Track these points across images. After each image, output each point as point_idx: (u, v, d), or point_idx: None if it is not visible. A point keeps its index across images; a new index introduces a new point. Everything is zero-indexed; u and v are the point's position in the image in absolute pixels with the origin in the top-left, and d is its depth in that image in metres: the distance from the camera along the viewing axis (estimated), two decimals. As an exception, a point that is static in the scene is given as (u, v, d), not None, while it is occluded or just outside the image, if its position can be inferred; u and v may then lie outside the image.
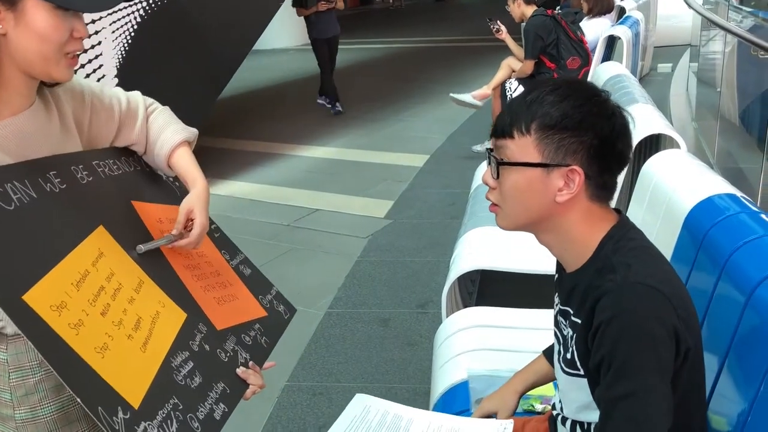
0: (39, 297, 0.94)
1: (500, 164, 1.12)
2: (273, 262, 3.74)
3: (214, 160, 5.70)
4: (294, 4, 6.94)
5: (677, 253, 1.54)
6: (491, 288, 3.10)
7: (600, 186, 1.11)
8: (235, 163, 5.71)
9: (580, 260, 1.14)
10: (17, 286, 0.93)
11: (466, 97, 5.39)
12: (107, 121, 1.32)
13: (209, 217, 1.39)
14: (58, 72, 1.11)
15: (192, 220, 1.30)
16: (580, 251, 1.13)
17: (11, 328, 1.13)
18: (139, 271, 1.17)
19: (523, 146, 1.09)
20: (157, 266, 1.23)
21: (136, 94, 1.40)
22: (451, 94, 5.50)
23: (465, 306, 2.68)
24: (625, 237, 1.11)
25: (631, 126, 1.12)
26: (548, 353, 1.47)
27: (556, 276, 1.29)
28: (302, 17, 6.98)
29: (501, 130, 1.12)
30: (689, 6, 4.79)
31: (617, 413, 1.02)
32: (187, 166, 1.37)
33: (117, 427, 0.93)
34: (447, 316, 2.21)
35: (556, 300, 1.27)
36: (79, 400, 0.91)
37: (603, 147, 1.08)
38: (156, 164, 1.42)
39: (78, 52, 1.13)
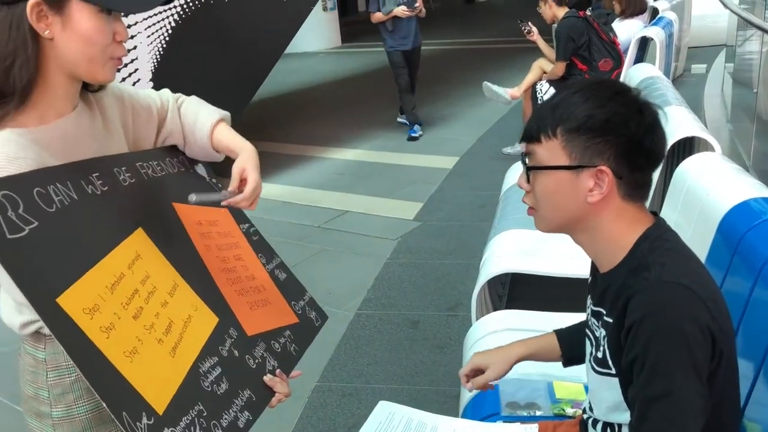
0: (73, 300, 0.95)
1: (529, 169, 1.14)
2: (303, 264, 3.77)
3: (246, 162, 5.74)
4: (368, 8, 6.12)
5: (711, 257, 1.53)
6: (521, 291, 3.09)
7: (632, 185, 1.10)
8: (266, 165, 5.69)
9: (614, 260, 1.13)
10: (52, 289, 0.94)
11: (500, 89, 5.34)
12: (147, 120, 1.35)
13: (248, 219, 1.41)
14: (102, 73, 1.14)
15: (245, 179, 1.31)
16: (615, 251, 1.13)
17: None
18: (174, 274, 1.18)
19: (551, 150, 1.10)
20: (193, 269, 1.24)
21: (165, 91, 1.43)
22: (486, 82, 5.45)
23: (495, 309, 2.67)
24: (660, 237, 1.10)
25: (663, 122, 1.11)
26: (560, 333, 1.46)
27: (590, 278, 1.28)
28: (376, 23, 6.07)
29: (529, 135, 1.14)
30: (725, 6, 4.71)
31: (652, 413, 1.01)
32: (230, 138, 1.39)
33: None
34: (477, 319, 2.20)
35: (589, 302, 1.27)
36: (104, 404, 0.92)
37: (631, 145, 1.07)
38: (199, 151, 1.43)
39: (122, 56, 1.15)
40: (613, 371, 1.13)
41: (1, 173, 0.99)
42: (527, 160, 1.15)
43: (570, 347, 1.44)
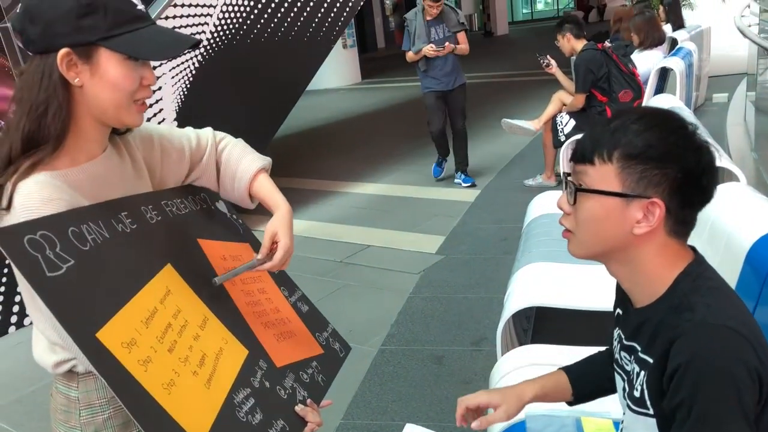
0: (111, 334, 0.97)
1: (579, 190, 1.10)
2: (326, 299, 3.77)
3: (268, 198, 5.80)
4: (401, 46, 5.77)
5: (740, 288, 1.50)
6: (547, 325, 3.05)
7: (680, 221, 1.07)
8: (288, 201, 5.79)
9: (652, 295, 1.11)
10: (92, 324, 0.96)
11: (522, 122, 5.37)
12: (178, 161, 1.38)
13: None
14: (129, 118, 1.18)
15: (276, 242, 1.33)
16: (653, 286, 1.10)
17: (82, 366, 1.17)
18: (203, 308, 1.20)
19: (604, 174, 1.07)
20: (220, 302, 1.26)
21: (206, 130, 1.46)
22: (504, 119, 5.49)
23: (520, 343, 2.65)
24: (702, 276, 1.08)
25: (718, 162, 1.09)
26: (568, 370, 1.43)
27: (618, 311, 1.26)
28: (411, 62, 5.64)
29: (581, 155, 1.10)
30: (744, 35, 4.71)
31: None
32: (268, 191, 1.42)
33: None
34: (502, 354, 2.18)
35: (617, 334, 1.24)
36: None
37: (687, 181, 1.03)
38: (234, 196, 1.45)
39: (147, 99, 1.19)
40: (651, 411, 1.10)
41: (37, 214, 1.02)
42: (575, 180, 1.11)
43: (580, 385, 1.41)
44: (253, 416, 1.14)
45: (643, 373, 1.11)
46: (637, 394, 1.12)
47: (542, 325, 3.06)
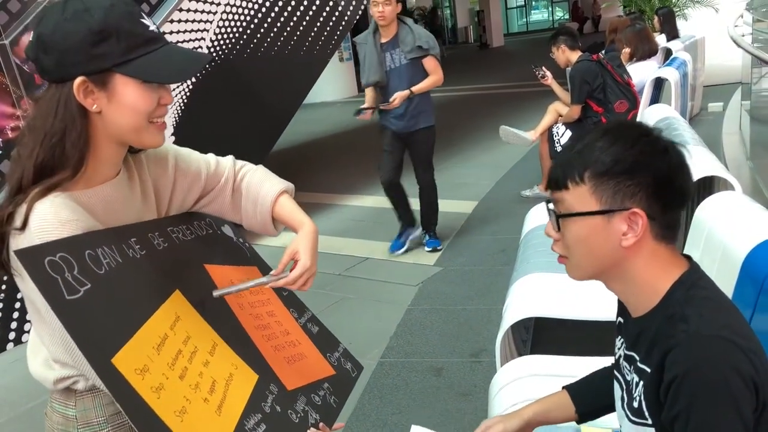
0: (125, 360, 0.97)
1: (559, 217, 1.12)
2: (325, 312, 3.77)
3: (266, 211, 5.80)
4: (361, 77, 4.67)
5: (737, 297, 1.51)
6: (546, 335, 3.05)
7: (664, 225, 1.09)
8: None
9: (647, 305, 1.11)
10: (108, 350, 0.96)
11: (520, 132, 5.38)
12: (192, 183, 1.36)
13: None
14: (149, 139, 1.18)
15: (296, 261, 1.31)
16: (648, 296, 1.11)
17: (83, 383, 1.17)
18: (212, 334, 1.19)
19: (580, 196, 1.09)
20: (229, 327, 1.25)
21: (228, 158, 1.45)
22: (503, 126, 5.49)
23: (519, 354, 2.64)
24: (696, 285, 1.08)
25: (687, 159, 1.10)
26: (571, 389, 1.43)
27: (619, 320, 1.27)
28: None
29: (555, 183, 1.12)
30: (738, 45, 4.74)
31: None
32: (291, 212, 1.41)
33: None
34: (501, 365, 2.18)
35: (619, 344, 1.25)
36: None
37: (661, 185, 1.06)
38: (258, 221, 1.43)
39: (163, 118, 1.19)
40: (650, 422, 1.10)
41: (54, 235, 1.02)
42: (556, 208, 1.14)
43: (584, 403, 1.41)
44: None
45: (641, 383, 1.11)
46: (635, 404, 1.13)
47: (541, 335, 3.06)
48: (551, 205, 1.15)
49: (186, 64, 1.17)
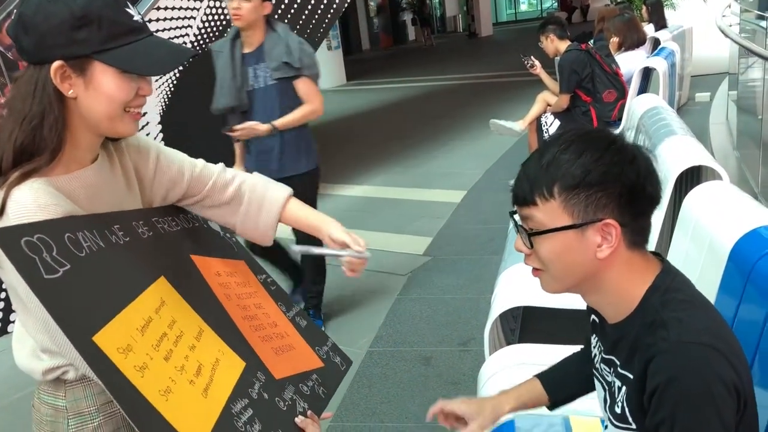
0: (107, 339, 0.97)
1: (531, 235, 1.09)
2: (314, 302, 3.76)
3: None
4: None
5: (724, 286, 1.52)
6: (534, 324, 3.07)
7: (637, 232, 1.08)
8: (274, 203, 5.78)
9: (623, 312, 1.11)
10: (88, 328, 0.96)
11: (509, 123, 5.38)
12: (172, 183, 1.37)
13: (264, 270, 1.48)
14: (123, 127, 1.17)
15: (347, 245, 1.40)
16: (625, 303, 1.10)
17: (73, 373, 1.17)
18: (199, 321, 1.19)
19: (550, 211, 1.06)
20: (215, 316, 1.25)
21: (217, 165, 1.45)
22: (492, 120, 5.49)
23: (508, 343, 2.65)
24: (671, 288, 1.08)
25: (655, 164, 1.09)
26: (542, 377, 1.44)
27: (593, 318, 1.26)
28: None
29: (523, 199, 1.09)
30: (725, 35, 4.76)
31: None
32: (308, 211, 1.46)
33: None
34: (490, 354, 2.19)
35: (595, 342, 1.25)
36: None
37: (632, 194, 1.04)
38: (259, 227, 1.44)
39: (140, 108, 1.18)
40: (634, 427, 1.10)
41: (33, 219, 1.02)
42: (525, 224, 1.10)
43: (555, 391, 1.42)
44: (251, 426, 1.12)
45: (624, 388, 1.11)
46: (618, 410, 1.13)
47: (529, 324, 3.08)
48: (518, 219, 1.12)
49: (167, 58, 1.16)
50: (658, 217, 2.36)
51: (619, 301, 1.11)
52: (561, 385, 1.43)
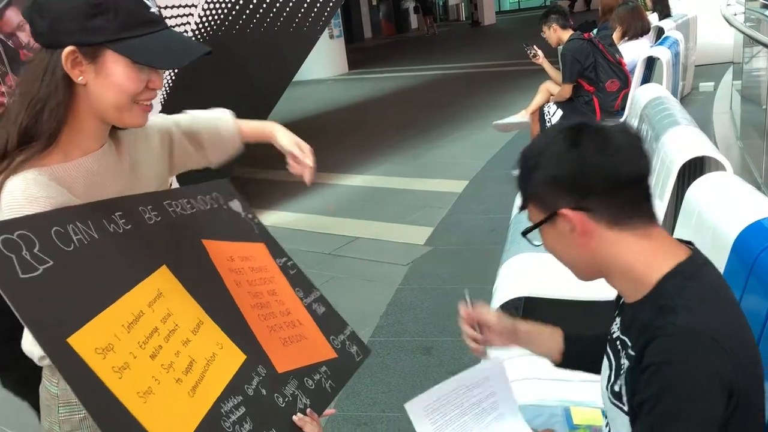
0: (84, 339, 0.94)
1: (523, 235, 1.20)
2: (315, 291, 3.76)
3: (256, 190, 5.80)
4: None
5: (727, 278, 1.50)
6: (536, 315, 3.04)
7: (611, 209, 1.08)
8: (276, 193, 5.79)
9: (637, 293, 1.11)
10: (62, 328, 0.93)
11: (510, 118, 5.37)
12: (184, 149, 1.43)
13: (286, 253, 1.53)
14: (130, 118, 1.17)
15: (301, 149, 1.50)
16: (639, 285, 1.10)
17: None
18: (199, 311, 1.16)
19: (532, 210, 1.16)
20: (220, 305, 1.22)
21: (170, 117, 1.49)
22: (494, 122, 5.48)
23: (509, 333, 2.64)
24: (693, 276, 1.07)
25: (611, 140, 1.09)
26: (568, 336, 1.45)
27: (621, 299, 1.26)
28: None
29: (522, 203, 1.19)
30: (730, 24, 4.72)
31: None
32: (255, 123, 1.59)
33: None
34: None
35: (617, 324, 1.24)
36: None
37: (571, 178, 1.08)
38: (221, 151, 1.52)
39: (150, 101, 1.18)
40: (626, 409, 1.11)
41: (22, 212, 1.01)
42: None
43: (571, 357, 1.43)
44: (241, 426, 1.10)
45: (627, 365, 1.11)
46: (617, 388, 1.13)
47: (531, 315, 3.06)
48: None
49: (181, 53, 1.16)
50: (660, 208, 2.35)
51: (631, 282, 1.12)
52: (578, 356, 1.43)
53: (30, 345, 1.20)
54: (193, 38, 4.65)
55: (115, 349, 0.97)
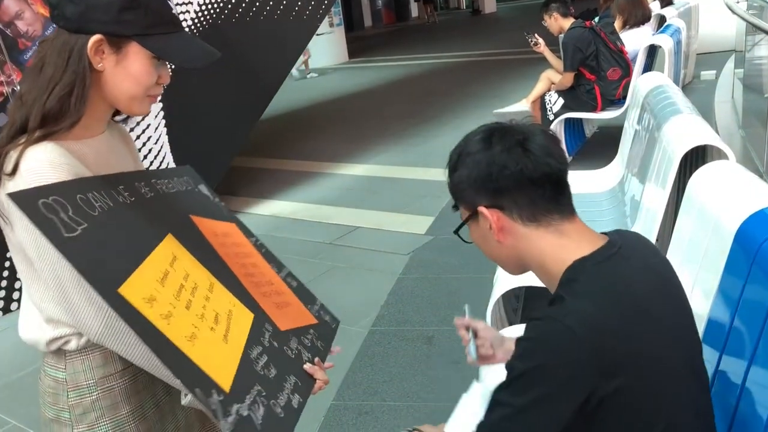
0: (132, 290, 1.00)
1: (454, 233, 1.26)
2: (316, 281, 3.77)
3: (257, 180, 5.79)
4: None
5: (729, 268, 1.50)
6: (536, 304, 3.06)
7: (529, 205, 1.12)
8: (276, 182, 5.79)
9: (552, 287, 1.15)
10: (113, 281, 0.99)
11: (511, 107, 5.36)
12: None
13: (253, 234, 1.52)
14: (139, 108, 1.23)
15: None
16: (549, 278, 1.15)
17: (75, 342, 1.19)
18: (208, 275, 1.23)
19: (461, 209, 1.23)
20: (221, 271, 1.29)
21: None
22: (495, 111, 5.47)
23: (510, 323, 2.66)
24: (586, 271, 1.09)
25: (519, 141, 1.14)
26: None
27: None
28: None
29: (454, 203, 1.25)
30: (733, 12, 4.69)
31: (494, 415, 1.07)
32: None
33: (214, 407, 0.99)
34: (492, 334, 2.18)
35: None
36: (179, 381, 0.97)
37: (485, 177, 1.13)
38: None
39: (157, 95, 1.25)
40: None
41: (45, 177, 1.06)
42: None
43: None
44: (269, 370, 1.17)
45: None
46: None
47: (532, 304, 3.07)
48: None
49: (198, 54, 1.23)
50: (661, 198, 2.35)
51: (546, 276, 1.17)
52: None
53: (33, 332, 1.21)
54: (193, 27, 4.62)
55: (157, 300, 1.04)
